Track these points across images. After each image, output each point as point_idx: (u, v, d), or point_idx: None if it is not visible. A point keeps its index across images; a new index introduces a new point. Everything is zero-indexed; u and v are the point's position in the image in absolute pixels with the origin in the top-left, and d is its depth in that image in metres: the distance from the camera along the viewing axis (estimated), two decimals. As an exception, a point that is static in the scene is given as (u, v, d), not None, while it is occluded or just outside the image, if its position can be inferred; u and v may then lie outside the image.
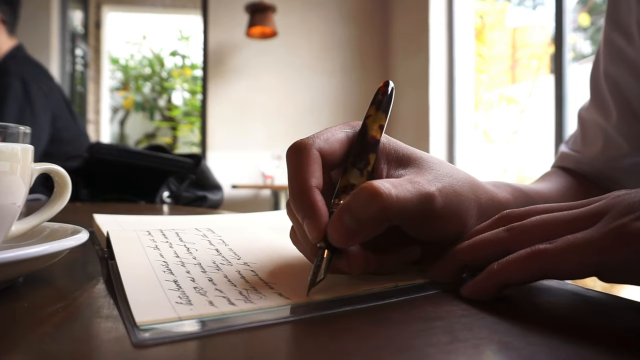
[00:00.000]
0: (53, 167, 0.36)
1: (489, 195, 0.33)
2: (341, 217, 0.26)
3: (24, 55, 1.61)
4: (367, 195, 0.26)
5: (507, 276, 0.25)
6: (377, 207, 0.26)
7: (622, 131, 0.50)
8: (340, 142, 0.30)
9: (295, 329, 0.22)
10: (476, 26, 3.01)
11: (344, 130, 0.31)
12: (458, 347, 0.20)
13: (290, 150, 0.29)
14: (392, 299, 0.26)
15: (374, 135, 0.31)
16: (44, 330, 0.21)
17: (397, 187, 0.27)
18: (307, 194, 0.27)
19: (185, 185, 1.25)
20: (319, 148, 0.29)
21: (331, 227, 0.26)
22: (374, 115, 0.31)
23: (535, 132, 2.65)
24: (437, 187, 0.29)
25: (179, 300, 0.24)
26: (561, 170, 0.54)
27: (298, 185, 0.28)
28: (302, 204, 0.27)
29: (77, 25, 4.07)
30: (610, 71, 0.51)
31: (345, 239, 0.26)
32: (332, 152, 0.29)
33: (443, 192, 0.29)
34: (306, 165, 0.28)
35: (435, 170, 0.30)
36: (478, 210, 0.32)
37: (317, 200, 0.27)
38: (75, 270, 0.36)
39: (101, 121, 5.06)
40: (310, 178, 0.28)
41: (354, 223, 0.26)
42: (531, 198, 0.40)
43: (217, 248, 0.34)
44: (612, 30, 0.50)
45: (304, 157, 0.28)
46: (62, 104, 1.64)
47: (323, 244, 0.27)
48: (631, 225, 0.23)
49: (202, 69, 3.35)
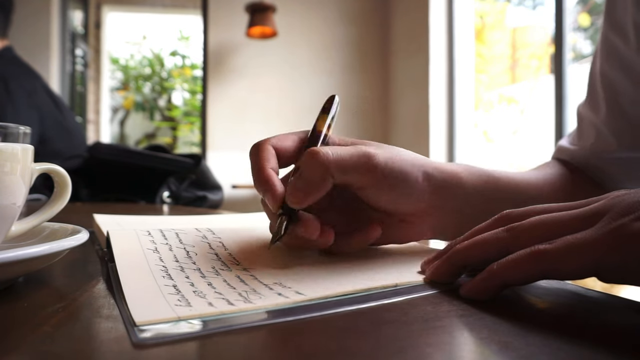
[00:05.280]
0: (53, 167, 0.36)
1: (435, 166, 0.37)
2: (293, 182, 0.32)
3: (12, 55, 1.61)
4: (309, 157, 0.32)
5: (507, 276, 0.25)
6: (317, 165, 0.31)
7: (611, 127, 0.51)
8: (292, 140, 0.36)
9: (295, 329, 0.22)
10: (476, 26, 3.01)
11: (295, 133, 0.37)
12: (458, 347, 0.20)
13: (250, 149, 0.35)
14: (392, 299, 0.26)
15: (320, 129, 0.36)
16: (44, 330, 0.21)
17: (337, 149, 0.32)
18: (263, 172, 0.33)
19: (185, 185, 1.25)
20: (272, 144, 0.35)
21: (288, 193, 0.32)
22: (320, 117, 0.37)
23: (535, 132, 2.65)
24: (378, 151, 0.34)
25: (178, 303, 0.24)
26: (557, 161, 0.55)
27: (256, 169, 0.34)
28: (260, 182, 0.33)
29: (77, 25, 4.07)
30: (605, 69, 0.51)
31: (297, 199, 0.31)
32: (285, 149, 0.36)
33: (385, 156, 0.34)
34: (261, 154, 0.34)
35: (382, 147, 0.35)
36: (423, 174, 0.36)
37: (271, 175, 0.33)
38: (75, 270, 0.36)
39: (101, 121, 5.05)
40: (265, 162, 0.34)
41: (302, 183, 0.31)
42: (492, 176, 0.41)
43: (217, 252, 0.34)
44: (609, 29, 0.50)
45: (260, 150, 0.35)
46: (50, 103, 1.63)
47: (282, 211, 0.32)
48: (631, 225, 0.23)
49: (202, 69, 3.35)
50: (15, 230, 0.34)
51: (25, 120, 1.51)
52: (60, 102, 1.72)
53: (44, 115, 1.58)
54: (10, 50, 1.61)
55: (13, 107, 1.48)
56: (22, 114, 1.50)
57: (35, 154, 0.34)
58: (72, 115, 1.82)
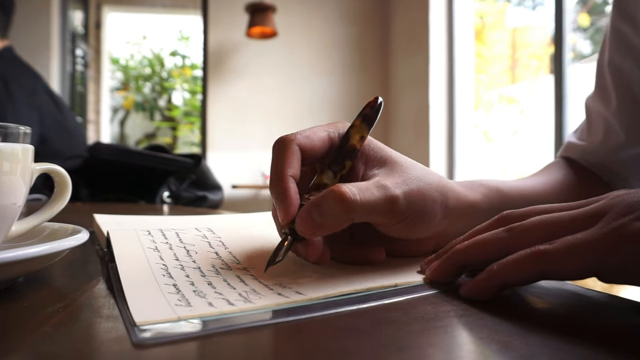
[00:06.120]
0: (53, 167, 0.36)
1: (457, 197, 0.36)
2: (309, 212, 0.29)
3: (13, 55, 1.61)
4: (335, 197, 0.29)
5: (507, 277, 0.25)
6: (341, 209, 0.29)
7: (621, 119, 0.50)
8: (321, 140, 0.33)
9: (294, 328, 0.22)
10: (476, 26, 3.01)
11: (326, 130, 0.34)
12: (458, 347, 0.20)
13: (275, 143, 0.33)
14: (392, 299, 0.26)
15: (354, 144, 0.33)
16: (44, 330, 0.21)
17: (363, 191, 0.30)
18: (282, 181, 0.31)
19: (185, 185, 1.25)
20: (299, 143, 0.32)
21: (299, 219, 0.29)
22: (358, 127, 0.34)
23: (535, 132, 2.65)
24: (402, 190, 0.32)
25: (179, 302, 0.24)
26: (564, 161, 0.54)
27: (276, 173, 0.31)
28: (277, 190, 0.31)
29: (77, 26, 4.07)
30: (614, 59, 0.51)
31: (309, 231, 0.29)
32: (312, 148, 0.33)
33: (407, 195, 0.32)
34: (285, 157, 0.32)
35: (406, 174, 0.33)
36: (444, 211, 0.34)
37: (289, 188, 0.31)
38: (75, 270, 0.36)
39: (101, 121, 5.05)
40: (287, 168, 0.31)
41: (320, 218, 0.29)
42: (508, 196, 0.41)
43: (217, 251, 0.34)
44: (619, 18, 0.50)
45: (285, 150, 0.32)
46: (50, 103, 1.63)
47: (287, 231, 0.30)
48: (631, 225, 0.23)
49: (202, 69, 3.35)
50: (15, 230, 0.34)
51: (26, 120, 1.51)
52: (61, 102, 1.72)
53: (44, 115, 1.58)
54: (11, 50, 1.61)
55: (13, 107, 1.48)
56: (22, 114, 1.50)
57: (36, 154, 0.34)
58: (72, 115, 1.82)
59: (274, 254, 0.30)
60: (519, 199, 0.41)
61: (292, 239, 0.30)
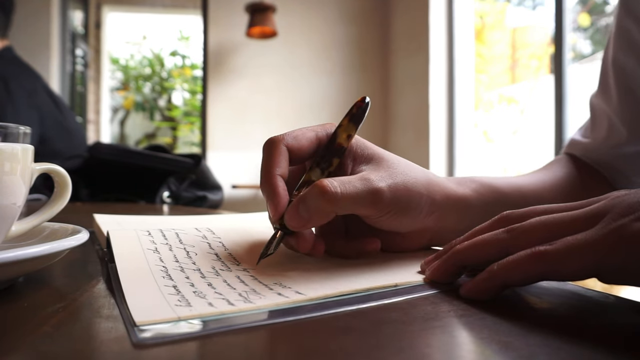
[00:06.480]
0: (53, 167, 0.36)
1: (445, 192, 0.37)
2: (296, 207, 0.31)
3: (12, 55, 1.61)
4: (317, 191, 0.31)
5: (507, 277, 0.25)
6: (323, 201, 0.30)
7: (623, 116, 0.50)
8: (309, 140, 0.35)
9: (294, 328, 0.22)
10: (476, 26, 3.01)
11: (314, 130, 0.35)
12: (458, 347, 0.20)
13: (264, 144, 0.34)
14: (392, 299, 0.26)
15: (341, 142, 0.35)
16: (44, 330, 0.21)
17: (345, 184, 0.31)
18: (271, 180, 0.33)
19: (185, 185, 1.25)
20: (287, 144, 0.34)
21: (288, 214, 0.31)
22: (345, 126, 0.35)
23: (535, 132, 2.65)
24: (387, 183, 0.33)
25: (178, 303, 0.24)
26: (568, 158, 0.54)
27: (265, 173, 0.33)
28: (267, 188, 0.33)
29: (77, 26, 4.07)
30: (618, 57, 0.51)
31: (298, 225, 0.31)
32: (300, 148, 0.34)
33: (392, 188, 0.33)
34: (274, 157, 0.33)
35: (392, 169, 0.34)
36: (430, 206, 0.36)
37: (278, 187, 0.32)
38: (75, 270, 0.36)
39: (101, 121, 5.05)
40: (275, 168, 0.33)
41: (306, 213, 0.31)
42: (502, 193, 0.41)
43: (217, 252, 0.34)
44: (624, 16, 0.50)
45: (273, 150, 0.34)
46: (50, 103, 1.63)
47: (278, 226, 0.32)
48: (631, 226, 0.23)
49: (202, 69, 3.35)
50: (15, 230, 0.34)
51: (25, 120, 1.51)
52: (61, 102, 1.72)
53: (44, 115, 1.58)
54: (11, 50, 1.61)
55: (13, 107, 1.48)
56: (22, 114, 1.50)
57: (36, 154, 0.34)
58: (72, 115, 1.82)
59: (266, 247, 0.32)
60: (517, 195, 0.42)
61: (282, 232, 0.32)
